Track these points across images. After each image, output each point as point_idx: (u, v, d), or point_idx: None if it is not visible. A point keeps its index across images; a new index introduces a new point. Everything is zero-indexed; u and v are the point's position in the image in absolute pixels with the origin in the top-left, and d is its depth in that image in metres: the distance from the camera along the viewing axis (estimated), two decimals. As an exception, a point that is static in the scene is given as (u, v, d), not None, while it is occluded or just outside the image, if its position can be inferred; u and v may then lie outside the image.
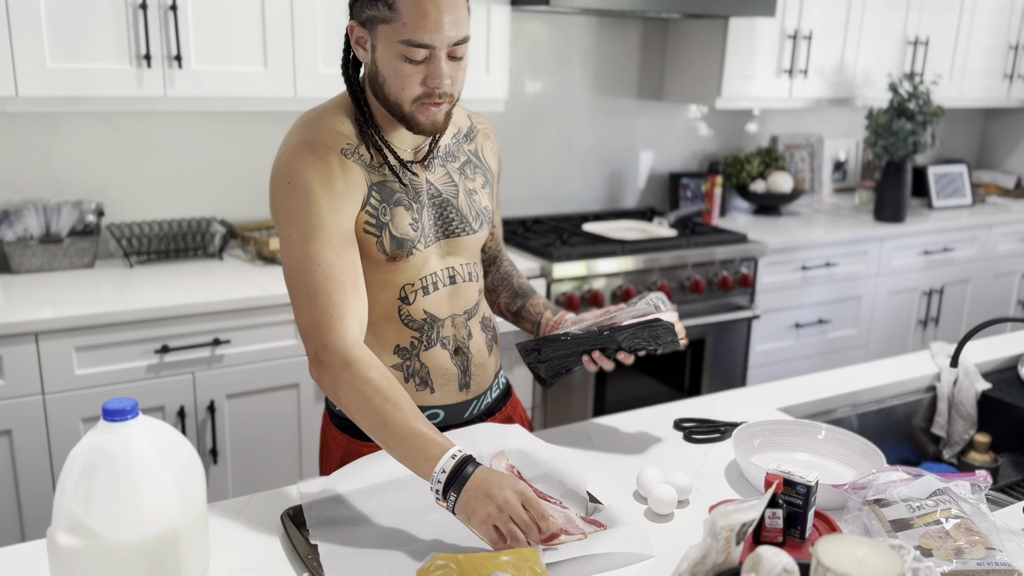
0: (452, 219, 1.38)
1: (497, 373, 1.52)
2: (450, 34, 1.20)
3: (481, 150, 1.46)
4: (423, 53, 1.20)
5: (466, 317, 1.42)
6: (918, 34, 3.65)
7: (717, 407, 1.65)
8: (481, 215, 1.42)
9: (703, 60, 3.23)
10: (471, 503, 1.08)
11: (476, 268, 1.45)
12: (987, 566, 1.06)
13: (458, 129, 1.43)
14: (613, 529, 1.16)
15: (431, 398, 1.40)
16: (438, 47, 1.20)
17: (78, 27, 2.11)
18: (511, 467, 1.31)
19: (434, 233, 1.36)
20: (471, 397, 1.44)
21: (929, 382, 1.87)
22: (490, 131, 1.50)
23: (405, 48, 1.19)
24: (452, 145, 1.41)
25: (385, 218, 1.30)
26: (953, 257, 3.76)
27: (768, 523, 1.11)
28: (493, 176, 1.49)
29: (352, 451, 1.43)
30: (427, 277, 1.36)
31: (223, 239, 2.60)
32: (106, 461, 0.95)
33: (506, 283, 1.57)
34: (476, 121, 1.48)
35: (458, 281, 1.40)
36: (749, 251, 3.05)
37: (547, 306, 1.52)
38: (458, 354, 1.41)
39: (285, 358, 2.30)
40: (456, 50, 1.23)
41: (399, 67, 1.21)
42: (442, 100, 1.25)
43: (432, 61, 1.21)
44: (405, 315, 1.36)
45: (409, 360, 1.37)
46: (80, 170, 2.49)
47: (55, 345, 2.02)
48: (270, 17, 2.32)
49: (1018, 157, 4.54)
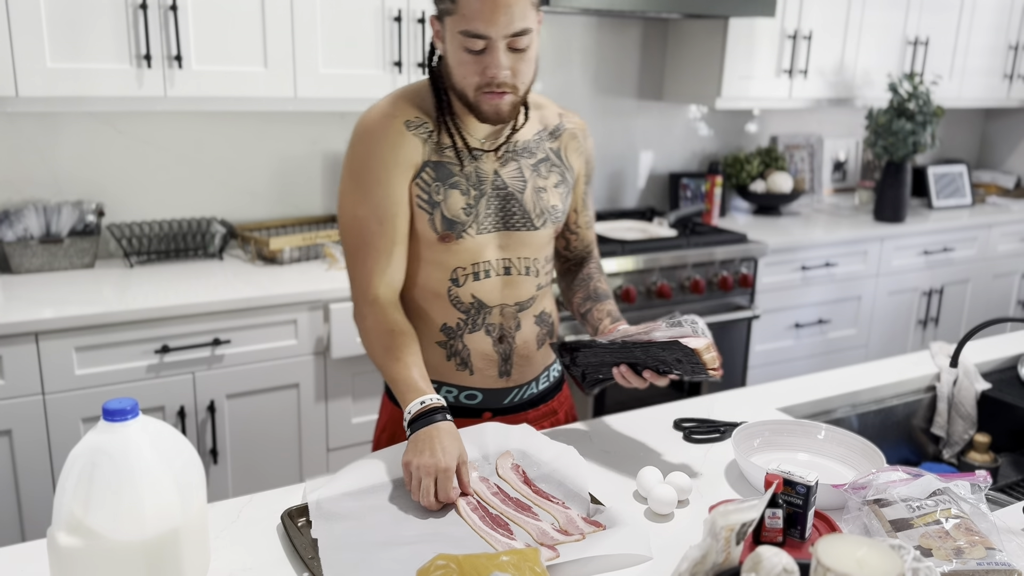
0: (514, 213, 1.42)
1: (549, 367, 1.55)
2: (507, 26, 1.23)
3: (564, 150, 1.48)
4: (480, 43, 1.25)
5: (517, 308, 1.45)
6: (918, 34, 3.65)
7: (717, 407, 1.65)
8: (546, 213, 1.44)
9: (703, 60, 3.23)
10: (412, 445, 1.24)
11: (538, 264, 1.47)
12: (987, 566, 1.06)
13: (544, 126, 1.47)
14: (613, 530, 1.16)
15: (470, 379, 1.46)
16: (494, 38, 1.24)
17: (78, 27, 2.11)
18: (515, 466, 1.31)
19: (492, 223, 1.40)
20: (512, 385, 1.49)
21: (929, 382, 1.87)
22: (579, 131, 1.52)
23: (464, 38, 1.25)
24: (532, 142, 1.44)
25: (438, 197, 1.36)
26: (953, 257, 3.76)
27: (768, 523, 1.11)
28: (575, 176, 1.51)
29: (395, 419, 1.51)
30: (480, 264, 1.41)
31: (223, 239, 2.60)
32: (106, 461, 0.95)
33: (584, 285, 1.58)
34: (566, 120, 1.50)
35: (513, 273, 1.43)
36: (749, 251, 3.05)
37: (609, 313, 1.52)
38: (502, 342, 1.45)
39: (285, 358, 2.30)
40: (517, 41, 1.26)
41: (461, 56, 1.28)
42: (503, 90, 1.29)
43: (490, 51, 1.26)
44: (454, 296, 1.41)
45: (453, 340, 1.44)
46: (80, 170, 2.49)
47: (55, 345, 2.02)
48: (270, 17, 2.32)
49: (1018, 157, 4.54)
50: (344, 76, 2.46)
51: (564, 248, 1.61)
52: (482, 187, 1.39)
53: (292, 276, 2.41)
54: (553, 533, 1.15)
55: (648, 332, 1.35)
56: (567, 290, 1.61)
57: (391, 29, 2.49)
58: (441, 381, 1.47)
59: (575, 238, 1.60)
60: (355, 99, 2.49)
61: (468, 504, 1.22)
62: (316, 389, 2.36)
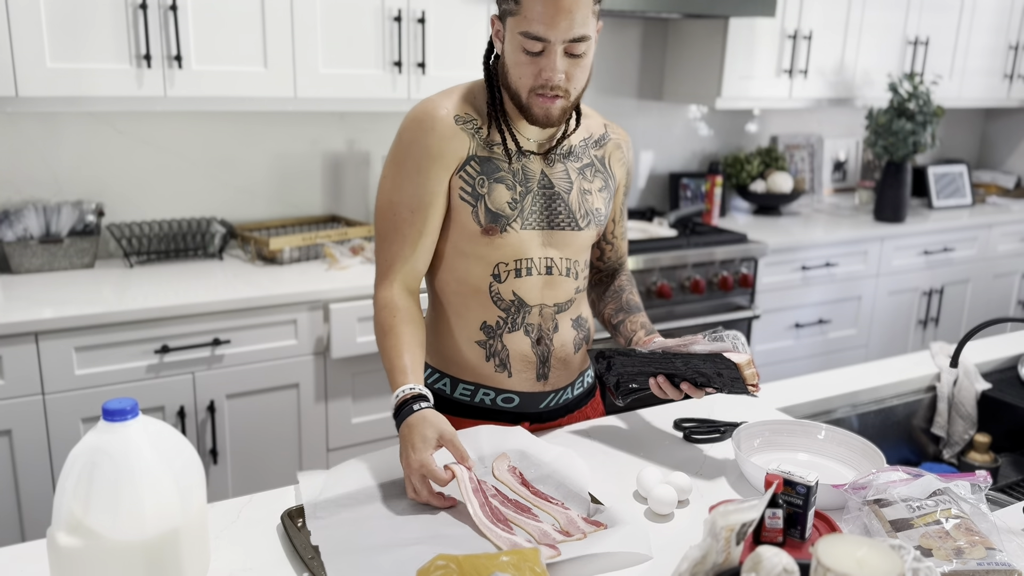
0: (559, 211, 1.43)
1: (584, 372, 1.56)
2: (567, 31, 1.26)
3: (608, 158, 1.51)
4: (539, 46, 1.27)
5: (555, 310, 1.46)
6: (918, 34, 3.65)
7: (717, 407, 1.65)
8: (591, 215, 1.46)
9: (703, 60, 3.23)
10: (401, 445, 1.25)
11: (578, 267, 1.48)
12: (987, 566, 1.06)
13: (590, 135, 1.49)
14: (613, 529, 1.16)
15: (508, 382, 1.46)
16: (553, 42, 1.26)
17: (78, 27, 2.11)
18: (512, 468, 1.31)
19: (536, 220, 1.41)
20: (549, 389, 1.49)
21: (929, 382, 1.87)
22: (623, 142, 1.54)
23: (523, 40, 1.27)
24: (579, 147, 1.47)
25: (482, 190, 1.38)
26: (953, 257, 3.76)
27: (768, 523, 1.11)
28: (617, 184, 1.53)
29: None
30: (522, 261, 1.41)
31: (223, 239, 2.60)
32: (106, 461, 0.95)
33: (616, 296, 1.59)
34: (611, 131, 1.53)
35: (554, 273, 1.44)
36: (749, 251, 3.05)
37: (643, 325, 1.53)
38: (540, 344, 1.45)
39: (285, 358, 2.30)
40: (575, 47, 1.28)
41: (519, 57, 1.30)
42: (556, 93, 1.31)
43: (547, 54, 1.28)
44: (495, 292, 1.42)
45: (492, 339, 1.44)
46: (80, 170, 2.49)
47: (55, 345, 2.02)
48: (270, 17, 2.32)
49: (1018, 157, 4.54)
50: (344, 76, 2.46)
51: (597, 259, 1.62)
52: (528, 184, 1.40)
53: (292, 276, 2.41)
54: (554, 534, 1.15)
55: (688, 345, 1.37)
56: (598, 301, 1.62)
57: (391, 29, 2.49)
58: (479, 383, 1.47)
59: (610, 248, 1.61)
60: (355, 99, 2.49)
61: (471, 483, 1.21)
62: (316, 389, 2.36)
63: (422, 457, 1.21)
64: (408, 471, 1.22)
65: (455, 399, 1.48)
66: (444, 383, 1.49)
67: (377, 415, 2.48)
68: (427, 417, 1.25)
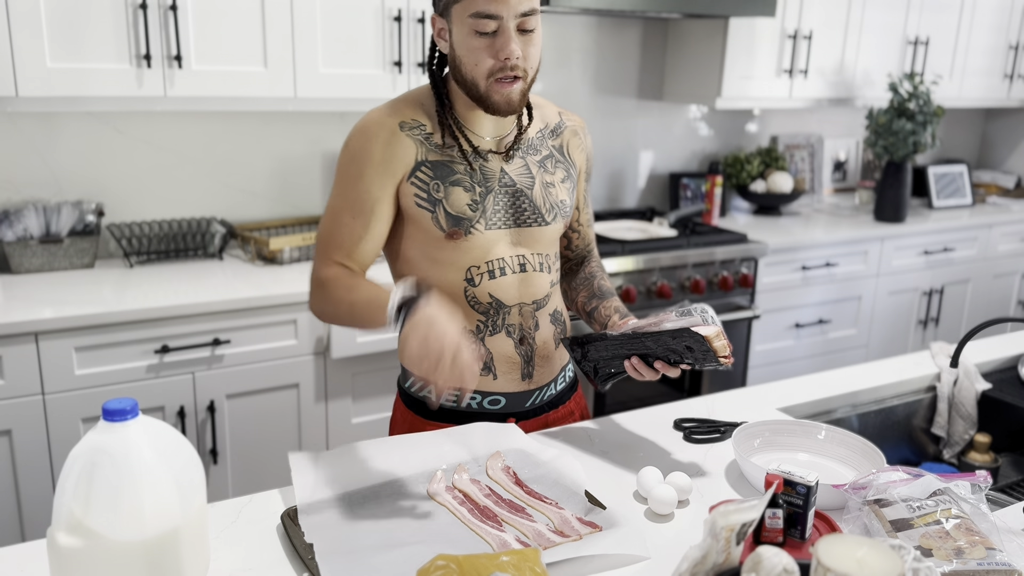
0: (524, 209, 1.42)
1: (564, 367, 1.55)
2: (517, 5, 1.25)
3: (567, 147, 1.50)
4: (492, 24, 1.26)
5: (534, 307, 1.45)
6: (918, 34, 3.65)
7: (717, 407, 1.65)
8: (556, 208, 1.45)
9: (703, 60, 3.23)
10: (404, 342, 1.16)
11: (550, 260, 1.47)
12: (987, 566, 1.06)
13: (545, 124, 1.47)
14: (610, 531, 1.16)
15: (494, 384, 1.45)
16: (505, 17, 1.25)
17: (78, 27, 2.11)
18: (507, 468, 1.31)
19: (502, 219, 1.40)
20: (534, 387, 1.48)
21: (929, 382, 1.87)
22: (579, 129, 1.53)
23: (475, 21, 1.26)
24: (536, 139, 1.45)
25: (438, 195, 1.36)
26: (953, 257, 3.76)
27: (768, 523, 1.11)
28: (578, 172, 1.52)
29: (416, 427, 1.48)
30: (494, 261, 1.40)
31: (223, 239, 2.60)
32: (106, 461, 0.95)
33: (587, 283, 1.58)
34: (566, 118, 1.52)
35: (528, 270, 1.43)
36: (749, 251, 3.05)
37: (617, 310, 1.51)
38: (523, 343, 1.44)
39: (285, 358, 2.30)
40: (526, 22, 1.27)
41: (471, 42, 1.28)
42: (516, 74, 1.29)
43: (501, 33, 1.27)
44: (471, 297, 1.40)
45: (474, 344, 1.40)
46: (80, 170, 2.49)
47: (55, 345, 2.02)
48: (270, 17, 2.32)
49: (1018, 157, 4.54)
50: (344, 76, 2.46)
51: (565, 247, 1.61)
52: (489, 184, 1.39)
53: (292, 276, 2.41)
54: (549, 534, 1.15)
55: (660, 323, 1.35)
56: (569, 290, 1.61)
57: (391, 29, 2.49)
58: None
59: (576, 236, 1.60)
60: (355, 99, 2.49)
61: (455, 499, 1.23)
62: (316, 389, 2.36)
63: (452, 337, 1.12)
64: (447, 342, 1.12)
65: (441, 405, 1.47)
66: (428, 391, 1.45)
67: (377, 415, 2.48)
68: (442, 303, 1.19)
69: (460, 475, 1.28)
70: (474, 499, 1.23)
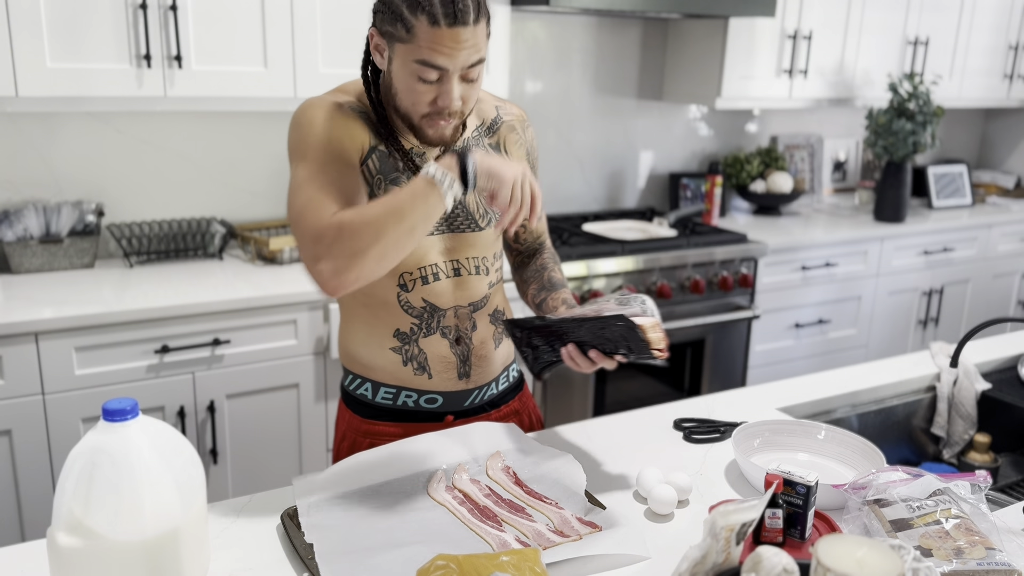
0: (457, 215, 1.38)
1: (508, 366, 1.53)
2: (466, 60, 1.21)
3: (503, 143, 1.44)
4: (436, 74, 1.22)
5: (471, 309, 1.42)
6: (918, 34, 3.65)
7: (717, 407, 1.65)
8: (491, 212, 1.40)
9: (703, 60, 3.23)
10: (490, 165, 1.19)
11: (487, 263, 1.43)
12: (987, 566, 1.06)
13: (481, 121, 1.42)
14: (610, 531, 1.16)
15: (429, 383, 1.41)
16: (451, 71, 1.22)
17: (78, 27, 2.11)
18: (507, 468, 1.31)
19: (436, 226, 1.36)
20: (472, 387, 1.45)
21: (929, 382, 1.87)
22: (517, 122, 1.47)
23: (419, 68, 1.21)
24: (471, 139, 1.40)
25: (380, 192, 1.31)
26: (953, 257, 3.76)
27: (768, 523, 1.11)
28: None
29: (353, 427, 1.46)
30: (427, 267, 1.36)
31: (223, 239, 2.60)
32: (106, 461, 0.95)
33: (538, 275, 1.54)
34: (503, 112, 1.46)
35: (463, 274, 1.40)
36: (749, 251, 3.05)
37: (565, 301, 1.46)
38: (459, 343, 1.41)
39: (285, 358, 2.30)
40: (470, 72, 1.24)
41: (412, 85, 1.24)
42: (452, 117, 1.27)
43: (444, 82, 1.23)
44: (404, 302, 1.37)
45: (408, 345, 1.39)
46: (80, 170, 2.49)
47: (55, 345, 2.02)
48: (270, 17, 2.32)
49: (1018, 157, 4.54)
50: (344, 76, 2.46)
51: (514, 241, 1.56)
52: None
53: (292, 276, 2.41)
54: (549, 534, 1.15)
55: (599, 311, 1.28)
56: (521, 283, 1.56)
57: (391, 29, 2.49)
58: (399, 386, 1.42)
59: (523, 231, 1.55)
60: (355, 99, 2.49)
61: (455, 499, 1.23)
62: (316, 389, 2.36)
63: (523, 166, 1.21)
64: (510, 176, 1.19)
65: (377, 403, 1.44)
66: (366, 388, 1.45)
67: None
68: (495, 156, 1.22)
69: (460, 475, 1.28)
70: (474, 499, 1.23)
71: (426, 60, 1.20)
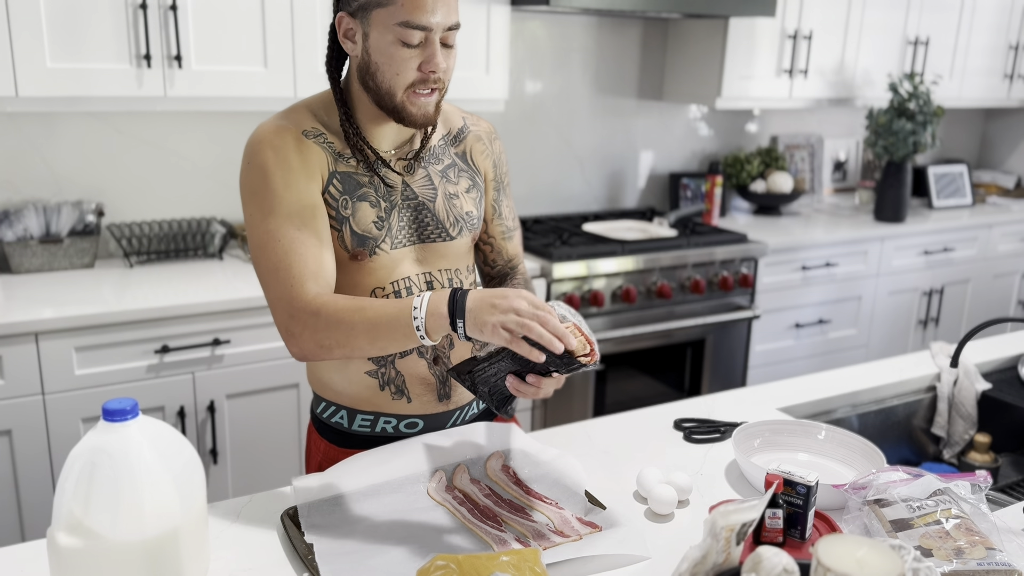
0: (427, 224, 1.34)
1: None
2: (446, 17, 1.21)
3: (470, 153, 1.41)
4: (420, 36, 1.21)
5: None
6: (918, 34, 3.65)
7: (717, 407, 1.65)
8: (462, 220, 1.37)
9: (703, 60, 3.23)
10: (479, 316, 1.08)
11: (461, 275, 1.39)
12: (987, 566, 1.06)
13: (448, 131, 1.40)
14: (610, 531, 1.16)
15: (408, 407, 1.36)
16: (434, 30, 1.21)
17: (78, 27, 2.11)
18: (506, 467, 1.31)
19: (407, 237, 1.33)
20: (452, 407, 1.40)
21: (929, 382, 1.87)
22: (484, 134, 1.44)
23: (403, 31, 1.20)
24: (438, 147, 1.37)
25: (346, 212, 1.27)
26: (953, 257, 3.76)
27: (768, 523, 1.11)
28: (485, 181, 1.43)
29: (330, 456, 1.40)
30: (399, 282, 1.32)
31: (223, 239, 2.60)
32: (106, 461, 0.95)
33: None
34: (470, 123, 1.43)
35: (436, 287, 1.35)
36: (749, 251, 3.05)
37: None
38: (437, 363, 1.36)
39: (285, 358, 2.30)
40: (448, 36, 1.24)
41: (395, 52, 1.21)
42: (435, 86, 1.25)
43: (428, 45, 1.22)
44: None
45: (384, 367, 1.34)
46: (80, 170, 2.49)
47: (55, 345, 2.02)
48: (270, 17, 2.32)
49: (1018, 157, 4.54)
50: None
51: (483, 263, 1.51)
52: (392, 198, 1.30)
53: (292, 276, 2.41)
54: (549, 534, 1.15)
55: None
56: None
57: (391, 29, 2.49)
58: (378, 412, 1.36)
59: (490, 250, 1.48)
60: (355, 99, 2.49)
61: (455, 499, 1.23)
62: (316, 389, 2.36)
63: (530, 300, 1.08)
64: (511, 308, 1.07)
65: (354, 432, 1.38)
66: (341, 416, 1.39)
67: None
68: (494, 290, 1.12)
69: (460, 475, 1.28)
70: (474, 499, 1.23)
71: (408, 21, 1.19)
